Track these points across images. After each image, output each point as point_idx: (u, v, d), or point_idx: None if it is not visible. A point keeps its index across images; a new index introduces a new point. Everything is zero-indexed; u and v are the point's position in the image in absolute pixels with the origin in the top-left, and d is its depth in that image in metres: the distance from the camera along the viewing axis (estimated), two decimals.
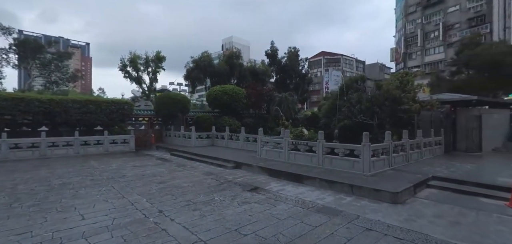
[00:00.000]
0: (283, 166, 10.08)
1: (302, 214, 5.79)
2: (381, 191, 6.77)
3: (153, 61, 27.19)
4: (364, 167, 8.44)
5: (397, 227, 5.06)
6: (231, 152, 14.55)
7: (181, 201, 6.69)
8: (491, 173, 9.02)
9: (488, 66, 23.16)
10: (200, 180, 9.13)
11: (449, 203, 6.53)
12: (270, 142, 11.95)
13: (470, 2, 44.34)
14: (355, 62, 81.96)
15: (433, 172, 8.81)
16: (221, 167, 11.47)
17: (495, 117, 15.72)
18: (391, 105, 13.39)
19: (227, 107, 22.21)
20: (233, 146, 16.88)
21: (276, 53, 34.60)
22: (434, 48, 49.41)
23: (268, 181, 8.94)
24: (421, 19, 51.51)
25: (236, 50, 30.34)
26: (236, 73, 29.65)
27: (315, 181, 8.22)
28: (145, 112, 21.77)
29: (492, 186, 7.41)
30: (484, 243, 4.46)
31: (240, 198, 6.96)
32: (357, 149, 8.69)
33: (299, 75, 36.27)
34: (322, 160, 9.61)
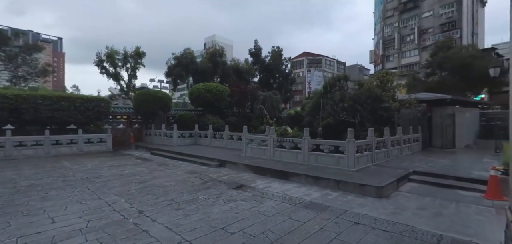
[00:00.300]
0: (268, 164, 9.96)
1: (289, 210, 5.68)
2: (367, 186, 6.83)
3: (132, 56, 26.10)
4: (349, 163, 8.51)
5: (384, 220, 5.08)
6: (215, 151, 14.23)
7: (163, 200, 6.35)
8: (466, 167, 9.45)
9: (459, 68, 24.55)
10: (183, 179, 8.78)
11: (430, 196, 6.72)
12: (255, 140, 11.79)
13: (443, 9, 46.87)
14: (336, 63, 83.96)
15: (414, 167, 9.08)
16: (205, 166, 11.15)
17: (466, 115, 16.61)
18: (372, 103, 13.74)
19: (211, 105, 21.79)
20: (217, 144, 16.55)
21: (260, 52, 34.53)
22: (410, 51, 51.74)
23: (254, 179, 8.77)
24: (398, 23, 53.74)
25: (219, 48, 29.90)
26: (220, 71, 29.23)
27: (301, 178, 8.16)
28: (124, 110, 20.82)
29: (468, 179, 7.74)
30: (466, 233, 4.57)
31: (226, 196, 6.73)
32: (342, 146, 8.75)
33: (283, 75, 36.42)
34: (307, 157, 9.59)
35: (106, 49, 25.16)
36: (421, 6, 50.06)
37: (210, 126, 17.87)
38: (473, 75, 24.07)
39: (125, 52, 25.91)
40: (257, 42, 34.68)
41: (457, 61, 24.15)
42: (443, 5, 46.90)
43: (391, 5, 55.45)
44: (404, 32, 52.91)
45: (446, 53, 25.89)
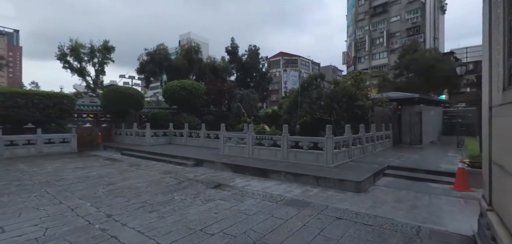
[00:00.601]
0: (247, 162, 9.74)
1: (271, 208, 5.51)
2: (346, 181, 6.88)
3: (99, 51, 24.41)
4: (327, 159, 8.56)
5: (364, 214, 5.10)
6: (191, 150, 13.70)
7: (135, 203, 5.85)
8: (434, 161, 9.99)
9: (424, 70, 26.24)
10: (157, 180, 8.25)
11: (405, 189, 6.93)
12: (233, 138, 11.51)
13: (408, 14, 49.94)
14: (311, 64, 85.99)
15: (388, 162, 9.40)
16: (180, 165, 10.64)
17: (431, 114, 17.73)
18: (347, 101, 14.09)
19: (186, 103, 21.06)
20: (193, 143, 15.99)
21: (237, 50, 34.19)
22: (379, 53, 54.49)
23: (233, 177, 8.50)
24: (369, 27, 56.31)
25: (195, 45, 29.07)
26: (195, 68, 28.43)
27: (281, 175, 8.05)
28: (91, 108, 19.38)
29: (437, 172, 8.15)
30: (441, 223, 4.71)
31: (204, 196, 6.39)
32: (321, 142, 8.79)
33: (260, 74, 36.41)
34: (286, 154, 9.52)
35: (70, 41, 23.22)
36: (390, 11, 52.92)
37: (185, 124, 17.23)
38: (436, 77, 25.87)
39: (92, 46, 24.15)
40: (234, 40, 34.35)
41: (422, 63, 25.79)
42: (409, 11, 49.98)
43: (362, 9, 57.95)
44: (374, 35, 55.57)
45: (412, 55, 27.54)
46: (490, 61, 3.41)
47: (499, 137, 3.04)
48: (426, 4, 49.29)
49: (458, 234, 4.22)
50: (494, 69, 3.23)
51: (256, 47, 36.49)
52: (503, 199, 2.82)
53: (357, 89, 14.60)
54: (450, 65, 27.46)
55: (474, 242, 3.88)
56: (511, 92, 2.62)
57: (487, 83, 3.48)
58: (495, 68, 3.20)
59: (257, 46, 36.39)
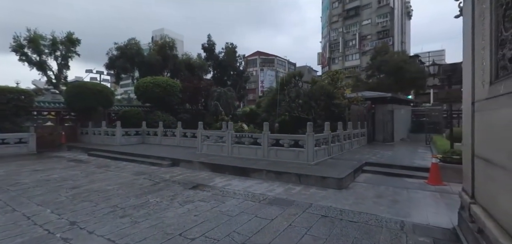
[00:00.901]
0: (227, 161, 9.42)
1: (254, 208, 5.27)
2: (327, 178, 6.85)
3: (63, 43, 22.44)
4: (308, 156, 8.53)
5: (349, 211, 5.06)
6: (166, 149, 13.02)
7: (104, 207, 5.30)
8: (407, 157, 10.42)
9: (394, 71, 27.68)
10: (130, 182, 7.64)
11: (384, 185, 7.08)
12: (212, 137, 11.11)
13: (379, 18, 52.52)
14: (287, 64, 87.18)
15: (365, 159, 9.61)
16: (155, 166, 10.02)
17: (402, 112, 18.67)
18: (325, 99, 14.31)
19: (160, 101, 20.10)
20: (168, 143, 15.27)
21: (214, 48, 33.49)
22: (352, 55, 56.70)
23: (212, 177, 8.14)
24: (342, 29, 58.35)
25: (169, 40, 27.90)
26: (170, 65, 27.32)
27: (262, 173, 7.85)
28: (53, 106, 17.74)
29: (412, 168, 8.46)
30: (422, 216, 4.80)
31: (182, 198, 5.99)
32: (302, 140, 8.74)
33: (237, 72, 36.02)
34: (267, 152, 9.35)
35: (27, 32, 21.04)
36: (361, 15, 55.26)
37: (160, 123, 16.41)
38: (404, 78, 27.40)
39: (54, 37, 22.10)
40: (211, 37, 33.59)
41: (392, 65, 27.18)
42: (379, 15, 52.56)
43: (336, 11, 59.90)
44: (347, 37, 57.70)
45: (383, 57, 28.90)
46: (472, 58, 3.46)
47: (484, 130, 3.07)
48: (395, 9, 52.21)
49: (439, 227, 4.30)
50: (478, 65, 3.28)
51: (233, 45, 36.05)
52: (489, 191, 2.84)
53: (334, 88, 14.88)
54: (416, 67, 29.28)
55: (455, 234, 3.96)
56: (499, 85, 2.63)
57: (469, 79, 3.54)
58: (479, 64, 3.25)
59: (234, 44, 36.01)
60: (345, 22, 57.97)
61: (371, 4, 53.91)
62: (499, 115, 2.53)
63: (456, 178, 7.10)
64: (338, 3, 59.55)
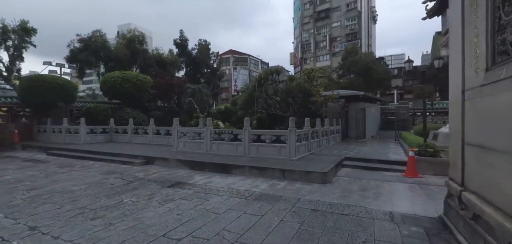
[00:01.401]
0: (206, 158, 8.99)
1: (241, 204, 5.00)
2: (312, 173, 6.80)
3: (15, 32, 20.00)
4: (290, 152, 8.44)
5: (338, 204, 5.01)
6: (138, 148, 12.16)
7: (71, 209, 4.66)
8: (382, 152, 10.85)
9: (363, 72, 29.02)
10: (98, 181, 6.91)
11: (365, 178, 7.22)
12: (189, 133, 10.56)
13: (348, 21, 54.91)
14: (260, 63, 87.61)
15: (344, 154, 9.80)
16: (126, 164, 9.25)
17: (372, 110, 19.58)
18: (302, 97, 14.43)
19: (130, 97, 18.83)
20: (140, 141, 14.30)
21: (186, 44, 32.36)
22: (323, 56, 58.60)
23: (191, 175, 7.69)
24: (313, 30, 60.04)
25: (139, 34, 26.32)
26: (140, 60, 25.81)
27: (245, 170, 7.59)
28: (3, 101, 15.70)
29: (388, 162, 8.81)
30: (407, 207, 4.90)
31: (160, 196, 5.51)
32: (284, 135, 8.63)
33: (211, 69, 35.25)
34: (248, 148, 9.10)
35: None
36: (331, 17, 57.35)
37: (130, 120, 15.32)
38: (372, 78, 28.86)
39: (4, 25, 19.58)
40: (183, 32, 32.43)
41: (362, 65, 28.49)
42: (348, 18, 54.95)
43: (307, 13, 61.47)
44: (318, 38, 59.51)
45: (353, 58, 30.18)
46: (462, 48, 3.54)
47: (477, 117, 3.14)
48: (362, 13, 54.98)
49: (426, 216, 4.40)
50: (469, 54, 3.35)
51: (206, 42, 35.20)
52: (486, 178, 2.89)
53: (311, 86, 15.09)
54: (383, 68, 31.04)
55: (442, 222, 4.06)
56: (497, 71, 2.68)
57: (459, 69, 3.62)
58: (470, 52, 3.32)
59: (207, 40, 35.17)
60: (316, 23, 59.73)
61: (340, 7, 56.15)
62: (500, 99, 2.56)
63: (429, 170, 7.51)
64: (309, 5, 61.15)
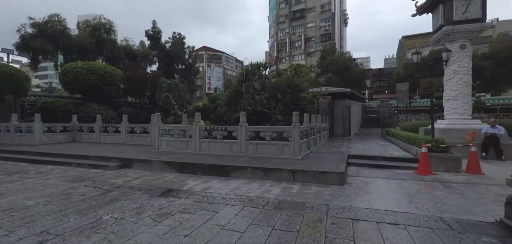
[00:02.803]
0: (196, 158, 7.76)
1: (263, 216, 3.98)
2: (327, 174, 5.99)
3: None
4: (294, 150, 7.58)
5: (381, 211, 4.21)
6: (109, 148, 10.42)
7: (24, 236, 3.26)
8: (379, 149, 10.49)
9: (341, 71, 29.38)
10: (64, 191, 5.38)
11: (379, 177, 6.59)
12: (174, 131, 9.17)
13: (322, 22, 55.99)
14: (235, 61, 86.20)
15: (344, 152, 9.21)
16: (98, 168, 7.65)
17: (355, 108, 19.61)
18: (292, 92, 13.72)
19: (96, 91, 16.61)
20: (110, 140, 12.44)
21: (159, 36, 30.04)
22: (298, 55, 59.11)
23: (182, 179, 6.45)
24: (289, 30, 60.31)
25: (105, 21, 23.62)
26: (107, 51, 23.19)
27: (246, 171, 6.55)
28: None
29: (392, 158, 8.37)
30: (455, 211, 4.27)
31: (152, 210, 4.27)
32: (287, 131, 7.74)
33: (186, 64, 33.23)
34: (245, 146, 8.05)
35: None
36: (306, 17, 58.08)
37: (98, 117, 13.32)
38: (350, 77, 29.34)
39: None
40: (156, 24, 30.06)
41: (340, 64, 28.80)
42: (322, 19, 56.04)
43: (283, 12, 61.60)
44: (293, 38, 59.92)
45: (332, 56, 30.44)
46: None
47: None
48: (335, 14, 56.45)
49: (482, 221, 3.78)
50: None
51: (181, 36, 33.15)
52: None
53: (301, 81, 14.46)
54: (359, 68, 31.75)
55: (506, 227, 3.46)
56: None
57: None
58: None
59: (182, 34, 33.12)
60: (292, 23, 60.09)
61: (315, 8, 57.07)
62: None
63: (441, 166, 7.13)
64: (285, 4, 61.32)
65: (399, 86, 17.26)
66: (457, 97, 10.49)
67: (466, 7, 10.10)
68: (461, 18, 10.20)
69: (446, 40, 10.73)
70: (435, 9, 11.31)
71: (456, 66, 10.46)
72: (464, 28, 10.15)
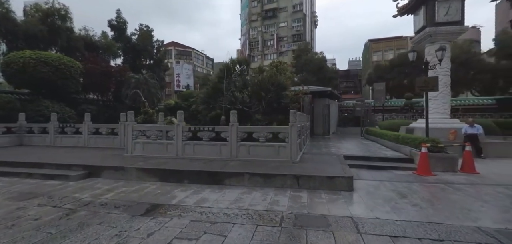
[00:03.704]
0: (180, 164, 6.70)
1: (285, 239, 3.22)
2: (336, 179, 5.42)
3: None
4: (292, 152, 6.92)
5: (406, 222, 3.71)
6: (69, 153, 8.78)
7: None
8: (367, 149, 10.34)
9: (316, 70, 29.70)
10: (8, 215, 4.05)
11: (383, 180, 6.24)
12: (151, 131, 7.93)
13: (294, 22, 56.63)
14: (205, 58, 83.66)
15: (336, 152, 8.83)
16: (55, 179, 6.20)
17: (333, 107, 19.72)
18: (276, 90, 13.10)
19: (49, 86, 14.31)
20: (70, 143, 10.64)
21: (125, 27, 27.40)
22: (270, 54, 59.10)
23: (168, 190, 5.41)
24: (261, 28, 60.00)
25: (60, 6, 20.67)
26: (62, 41, 20.32)
27: (243, 178, 5.73)
28: None
29: (386, 159, 8.17)
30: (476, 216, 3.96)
31: (140, 237, 3.27)
32: (284, 132, 7.05)
33: (154, 60, 30.87)
34: (236, 149, 7.19)
35: None
36: (279, 17, 58.31)
37: (53, 115, 11.35)
38: (324, 77, 29.80)
39: None
40: (121, 13, 27.39)
41: (315, 64, 29.08)
42: (294, 19, 56.70)
43: (255, 10, 61.13)
44: (266, 37, 59.78)
45: (307, 56, 30.64)
46: None
47: None
48: (306, 16, 57.54)
49: None
50: None
51: (149, 28, 30.69)
52: None
53: (284, 78, 13.92)
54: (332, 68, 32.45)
55: None
56: None
57: None
58: None
59: (150, 26, 30.71)
60: (264, 22, 59.86)
61: (287, 8, 57.53)
62: None
63: (439, 166, 7.03)
64: (257, 2, 60.90)
65: (376, 85, 17.71)
66: (438, 97, 10.78)
67: (447, 9, 10.37)
68: (443, 20, 10.47)
69: (428, 41, 10.97)
70: (417, 11, 11.53)
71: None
72: (445, 30, 10.43)
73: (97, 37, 24.40)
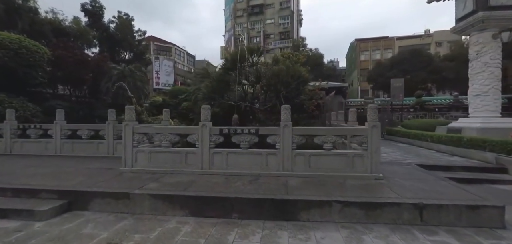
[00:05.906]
0: (219, 186, 4.43)
1: None
2: (481, 209, 3.52)
3: None
4: (372, 164, 4.90)
5: None
6: (31, 167, 6.07)
7: None
8: (424, 155, 8.69)
9: (314, 66, 28.23)
10: None
11: None
12: (163, 136, 5.48)
13: (281, 19, 55.11)
14: (186, 55, 79.61)
15: (395, 159, 7.02)
16: (12, 218, 3.63)
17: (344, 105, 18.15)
18: (297, 84, 11.12)
19: (5, 75, 11.12)
20: (34, 151, 7.78)
21: (101, 13, 23.91)
22: None
23: (213, 235, 3.15)
24: (247, 24, 57.77)
25: None
26: (23, 23, 16.78)
27: (331, 211, 3.66)
28: None
29: (469, 168, 6.48)
30: None
31: None
32: (361, 135, 5.02)
33: (135, 52, 27.55)
34: (291, 160, 5.02)
35: None
36: (265, 13, 56.47)
37: (9, 112, 8.38)
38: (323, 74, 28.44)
39: None
40: None
41: (313, 60, 27.59)
42: (281, 16, 55.20)
43: (241, 6, 58.81)
44: (252, 33, 57.67)
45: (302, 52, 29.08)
46: None
47: None
48: (294, 13, 56.30)
49: None
50: None
51: (129, 17, 27.35)
52: None
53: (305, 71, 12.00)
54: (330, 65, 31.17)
55: None
56: None
57: None
58: None
59: (130, 15, 27.35)
60: (250, 18, 57.74)
61: (274, 5, 55.88)
62: None
63: None
64: None
65: (394, 82, 16.34)
66: (489, 93, 9.41)
67: None
68: (497, 4, 9.09)
69: (477, 28, 9.57)
70: None
71: (488, 58, 9.36)
72: (501, 14, 9.05)
73: (68, 22, 20.89)
